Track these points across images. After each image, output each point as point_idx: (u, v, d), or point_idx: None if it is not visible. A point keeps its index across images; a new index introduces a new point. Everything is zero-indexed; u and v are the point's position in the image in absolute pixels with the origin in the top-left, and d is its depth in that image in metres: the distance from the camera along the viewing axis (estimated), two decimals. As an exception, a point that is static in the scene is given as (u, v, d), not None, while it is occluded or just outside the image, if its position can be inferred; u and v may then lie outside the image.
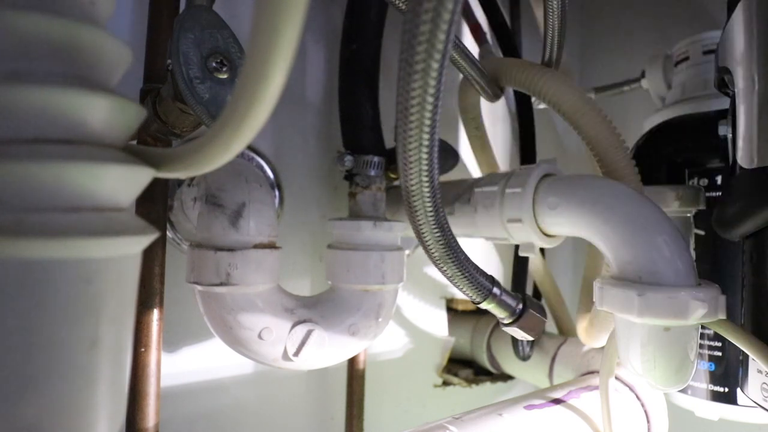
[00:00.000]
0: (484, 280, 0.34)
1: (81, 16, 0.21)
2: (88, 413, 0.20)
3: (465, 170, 0.74)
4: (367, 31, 0.53)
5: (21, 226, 0.18)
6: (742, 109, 0.36)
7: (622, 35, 0.86)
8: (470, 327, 0.78)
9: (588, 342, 0.55)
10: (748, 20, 0.35)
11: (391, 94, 0.66)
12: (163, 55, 0.40)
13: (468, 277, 0.33)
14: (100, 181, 0.20)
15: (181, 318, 0.52)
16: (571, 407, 0.46)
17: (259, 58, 0.16)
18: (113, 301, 0.21)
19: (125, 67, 0.23)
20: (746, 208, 0.35)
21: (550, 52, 0.46)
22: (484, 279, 0.34)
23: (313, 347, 0.43)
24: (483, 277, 0.34)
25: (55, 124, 0.19)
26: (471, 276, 0.33)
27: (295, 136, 0.62)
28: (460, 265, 0.32)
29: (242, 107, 0.17)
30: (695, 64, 0.57)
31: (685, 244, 0.34)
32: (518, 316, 0.35)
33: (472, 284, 0.33)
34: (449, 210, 0.50)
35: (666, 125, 0.55)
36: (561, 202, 0.39)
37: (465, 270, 0.33)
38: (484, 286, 0.34)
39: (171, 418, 0.52)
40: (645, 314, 0.33)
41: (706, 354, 0.50)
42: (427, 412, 0.73)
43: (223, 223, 0.39)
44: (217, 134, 0.19)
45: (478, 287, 0.33)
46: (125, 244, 0.21)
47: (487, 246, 0.81)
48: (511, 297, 0.35)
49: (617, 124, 0.41)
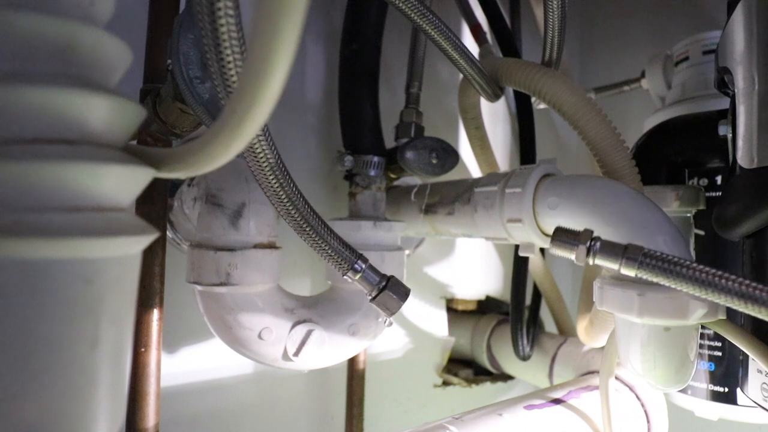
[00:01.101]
0: (349, 253, 0.36)
1: (81, 16, 0.21)
2: (88, 413, 0.20)
3: (465, 170, 0.74)
4: (367, 31, 0.53)
5: (21, 226, 0.18)
6: (742, 109, 0.36)
7: (622, 35, 0.86)
8: (470, 327, 0.78)
9: (588, 342, 0.55)
10: (748, 20, 0.35)
11: (391, 94, 0.67)
12: (163, 55, 0.40)
13: (328, 248, 0.35)
14: (100, 181, 0.20)
15: (181, 318, 0.52)
16: (571, 407, 0.46)
17: (259, 58, 0.16)
18: (113, 301, 0.21)
19: (125, 67, 0.23)
20: (746, 208, 0.35)
21: (550, 52, 0.46)
22: (349, 253, 0.36)
23: (313, 347, 0.43)
24: (348, 251, 0.36)
25: (55, 124, 0.19)
26: (332, 247, 0.35)
27: (295, 136, 0.62)
28: (319, 235, 0.34)
29: (242, 108, 0.17)
30: (695, 64, 0.57)
31: (685, 244, 0.34)
32: (378, 293, 0.37)
33: (333, 255, 0.35)
34: (449, 210, 0.50)
35: (666, 125, 0.55)
36: (561, 202, 0.39)
37: (324, 240, 0.35)
38: (346, 259, 0.36)
39: (171, 418, 0.52)
40: (645, 314, 0.33)
41: (706, 354, 0.50)
42: (427, 412, 0.73)
43: (223, 223, 0.39)
44: (217, 135, 0.19)
45: (343, 258, 0.36)
46: (125, 244, 0.21)
47: (487, 246, 0.81)
48: (377, 276, 0.37)
49: (617, 124, 0.41)
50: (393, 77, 0.68)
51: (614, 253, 0.31)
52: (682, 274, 0.29)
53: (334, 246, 0.35)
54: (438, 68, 0.74)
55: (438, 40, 0.44)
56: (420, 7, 0.42)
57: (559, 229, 0.34)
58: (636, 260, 0.30)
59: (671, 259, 0.30)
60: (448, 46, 0.45)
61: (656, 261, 0.30)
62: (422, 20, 0.42)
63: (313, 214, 0.34)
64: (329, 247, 0.35)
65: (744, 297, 0.27)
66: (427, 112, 0.56)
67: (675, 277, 0.29)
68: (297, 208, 0.33)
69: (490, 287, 0.81)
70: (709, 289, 0.28)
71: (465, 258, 0.78)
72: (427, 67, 0.57)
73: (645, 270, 0.30)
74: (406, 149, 0.52)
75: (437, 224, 0.52)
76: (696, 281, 0.28)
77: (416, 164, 0.52)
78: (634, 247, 0.31)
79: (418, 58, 0.56)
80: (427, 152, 0.52)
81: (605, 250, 0.32)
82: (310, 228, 0.34)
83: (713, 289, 0.28)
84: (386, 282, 0.37)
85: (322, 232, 0.34)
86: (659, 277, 0.30)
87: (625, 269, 0.31)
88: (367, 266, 0.37)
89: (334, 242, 0.35)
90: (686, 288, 0.29)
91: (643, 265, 0.30)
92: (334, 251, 0.35)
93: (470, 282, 0.79)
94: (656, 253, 0.30)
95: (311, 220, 0.34)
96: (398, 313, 0.38)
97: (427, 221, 0.53)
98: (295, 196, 0.32)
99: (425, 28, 0.43)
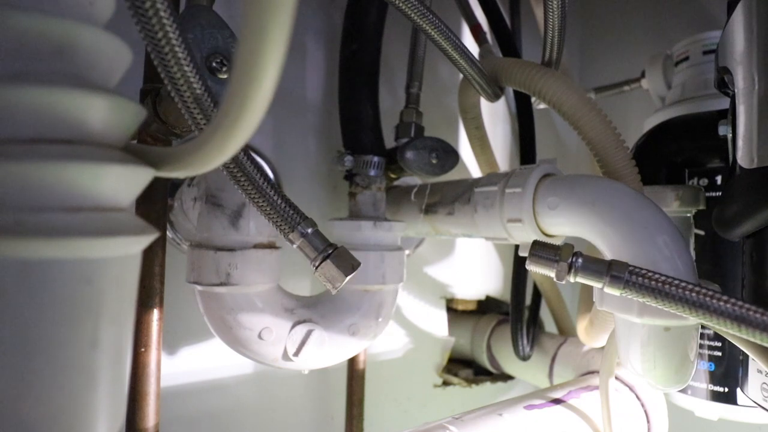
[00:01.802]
0: (295, 214, 0.33)
1: (80, 16, 0.21)
2: (88, 413, 0.20)
3: (465, 170, 0.74)
4: (367, 31, 0.53)
5: (21, 226, 0.18)
6: (742, 109, 0.36)
7: (622, 35, 0.86)
8: (470, 327, 0.78)
9: (588, 342, 0.55)
10: (748, 20, 0.35)
11: (391, 95, 0.67)
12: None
13: (268, 204, 0.32)
14: (100, 181, 0.20)
15: (181, 318, 0.52)
16: (571, 407, 0.46)
17: (249, 58, 0.16)
18: (113, 301, 0.21)
19: (125, 67, 0.23)
20: (746, 208, 0.35)
21: (550, 52, 0.46)
22: (295, 213, 0.33)
23: (313, 347, 0.43)
24: (294, 212, 0.33)
25: (55, 124, 0.19)
26: (273, 204, 0.32)
27: (295, 136, 0.62)
28: (257, 188, 0.30)
29: (234, 109, 0.17)
30: (695, 64, 0.57)
31: (685, 244, 0.34)
32: (321, 261, 0.34)
33: (274, 213, 0.32)
34: (449, 210, 0.50)
35: (666, 125, 0.55)
36: (561, 202, 0.39)
37: (263, 194, 0.31)
38: (290, 219, 0.32)
39: (171, 418, 0.52)
40: (645, 314, 0.33)
41: (706, 354, 0.50)
42: (427, 412, 0.73)
43: (223, 223, 0.39)
44: (211, 135, 0.19)
45: (284, 218, 0.32)
46: (125, 244, 0.21)
47: (487, 246, 0.81)
48: (322, 242, 0.34)
49: (617, 124, 0.41)
50: (393, 77, 0.68)
51: (597, 270, 0.29)
52: (672, 294, 0.28)
53: (274, 202, 0.31)
54: (438, 68, 0.74)
55: (438, 40, 0.44)
56: (420, 7, 0.42)
57: (537, 243, 0.32)
58: (621, 279, 0.29)
59: (659, 278, 0.28)
60: (448, 46, 0.45)
61: (643, 279, 0.28)
62: (422, 20, 0.42)
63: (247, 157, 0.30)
64: (266, 203, 0.31)
65: (738, 319, 0.26)
66: (427, 112, 0.56)
67: (664, 297, 0.28)
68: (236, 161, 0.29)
69: (490, 287, 0.81)
70: (700, 311, 0.27)
71: (465, 258, 0.78)
72: (427, 67, 0.57)
73: (631, 290, 0.29)
74: (406, 149, 0.52)
75: (437, 224, 0.52)
76: (686, 302, 0.27)
77: (416, 164, 0.52)
78: (618, 264, 0.29)
79: (418, 58, 0.56)
80: (427, 152, 0.52)
81: (588, 267, 0.30)
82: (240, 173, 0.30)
83: (704, 311, 0.27)
84: (332, 250, 0.34)
85: (257, 180, 0.30)
86: (646, 297, 0.28)
87: (610, 288, 0.29)
88: (313, 232, 0.33)
89: (275, 198, 0.31)
90: (676, 309, 0.28)
91: (629, 285, 0.29)
92: (272, 208, 0.32)
93: (470, 282, 0.79)
94: (642, 271, 0.29)
95: (253, 175, 0.30)
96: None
97: (427, 221, 0.53)
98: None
99: (425, 28, 0.43)
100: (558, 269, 0.31)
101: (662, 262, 0.33)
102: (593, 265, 0.30)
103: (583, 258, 0.30)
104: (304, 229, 0.33)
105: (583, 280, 0.30)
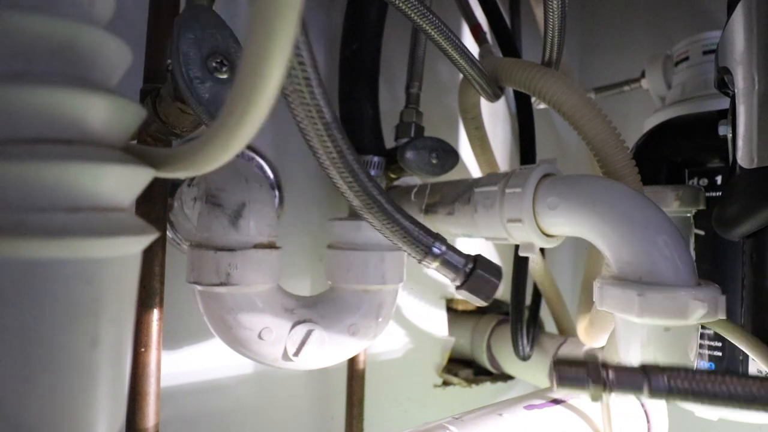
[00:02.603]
0: (425, 235, 0.30)
1: (80, 16, 0.21)
2: (88, 413, 0.20)
3: (465, 170, 0.74)
4: (367, 31, 0.53)
5: (21, 226, 0.18)
6: (742, 109, 0.36)
7: (622, 35, 0.86)
8: (470, 327, 0.78)
9: (588, 342, 0.55)
10: (748, 20, 0.35)
11: (391, 95, 0.67)
12: (163, 55, 0.40)
13: (399, 229, 0.29)
14: (100, 181, 0.20)
15: (181, 318, 0.52)
16: (571, 407, 0.46)
17: (256, 58, 0.16)
18: (113, 301, 0.21)
19: (125, 67, 0.23)
20: (746, 208, 0.35)
21: (550, 52, 0.46)
22: (425, 235, 0.30)
23: (313, 347, 0.43)
24: (423, 233, 0.30)
25: (55, 124, 0.19)
26: (404, 228, 0.29)
27: (295, 136, 0.62)
28: (387, 215, 0.28)
29: (239, 108, 0.17)
30: (695, 64, 0.57)
31: (685, 244, 0.34)
32: (467, 277, 0.31)
33: (406, 239, 0.29)
34: (449, 210, 0.50)
35: (666, 125, 0.55)
36: (561, 202, 0.39)
37: (395, 221, 0.29)
38: (422, 242, 0.30)
39: (171, 418, 0.52)
40: (645, 314, 0.33)
41: (706, 354, 0.50)
42: (427, 412, 0.73)
43: (223, 223, 0.39)
44: (215, 135, 0.19)
45: (415, 243, 0.30)
46: (125, 244, 0.21)
47: (487, 246, 0.81)
48: (460, 256, 0.32)
49: (617, 124, 0.41)
50: (393, 77, 0.68)
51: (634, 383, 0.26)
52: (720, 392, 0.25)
53: (405, 226, 0.29)
54: (438, 68, 0.74)
55: (438, 40, 0.44)
56: (420, 7, 0.42)
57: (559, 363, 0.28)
58: (664, 386, 0.26)
59: (700, 377, 0.25)
60: (448, 46, 0.45)
61: (683, 382, 0.25)
62: (422, 20, 0.42)
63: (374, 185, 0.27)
64: (400, 229, 0.28)
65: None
66: (427, 112, 0.56)
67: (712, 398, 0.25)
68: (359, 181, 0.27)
69: (490, 287, 0.81)
70: (755, 404, 0.25)
71: (465, 258, 0.78)
72: (427, 67, 0.57)
73: (677, 395, 0.26)
74: (406, 149, 0.52)
75: (437, 224, 0.52)
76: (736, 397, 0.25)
77: (416, 164, 0.52)
78: (653, 370, 0.26)
79: (418, 58, 0.56)
80: (427, 152, 0.52)
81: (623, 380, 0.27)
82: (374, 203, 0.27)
83: (760, 403, 0.25)
84: (474, 263, 0.31)
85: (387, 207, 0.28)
86: (692, 400, 0.25)
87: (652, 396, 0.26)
88: (447, 248, 0.31)
89: (404, 222, 0.29)
90: (726, 407, 0.25)
91: (674, 391, 0.26)
92: (405, 233, 0.29)
93: (470, 282, 0.79)
94: (681, 373, 0.26)
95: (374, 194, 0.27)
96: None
97: (427, 221, 0.53)
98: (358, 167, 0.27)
99: (425, 28, 0.43)
100: (593, 390, 0.27)
101: (662, 262, 0.33)
102: (627, 377, 0.27)
103: (614, 372, 0.27)
104: (439, 248, 0.31)
105: (621, 395, 0.27)
